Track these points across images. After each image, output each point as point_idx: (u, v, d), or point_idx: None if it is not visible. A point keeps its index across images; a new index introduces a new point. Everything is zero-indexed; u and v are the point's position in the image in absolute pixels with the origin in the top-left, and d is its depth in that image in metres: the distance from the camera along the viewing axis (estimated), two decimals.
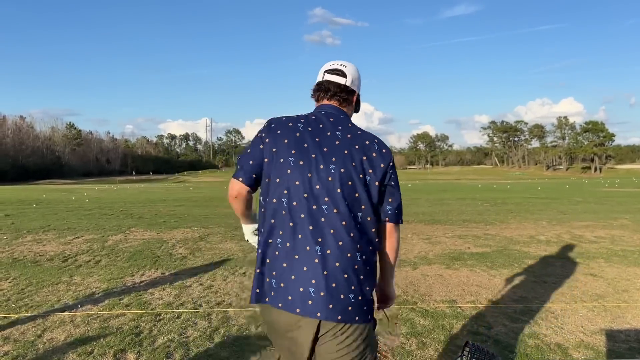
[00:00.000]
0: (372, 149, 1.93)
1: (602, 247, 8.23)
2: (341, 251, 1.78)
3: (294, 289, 1.78)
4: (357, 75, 2.12)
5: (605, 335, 4.14)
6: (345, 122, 2.00)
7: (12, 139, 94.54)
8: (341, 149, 1.88)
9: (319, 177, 1.83)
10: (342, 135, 1.93)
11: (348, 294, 1.78)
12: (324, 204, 1.81)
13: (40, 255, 7.57)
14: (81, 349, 3.75)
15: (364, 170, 1.87)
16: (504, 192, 27.84)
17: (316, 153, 1.87)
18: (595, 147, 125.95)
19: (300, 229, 1.80)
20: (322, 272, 1.76)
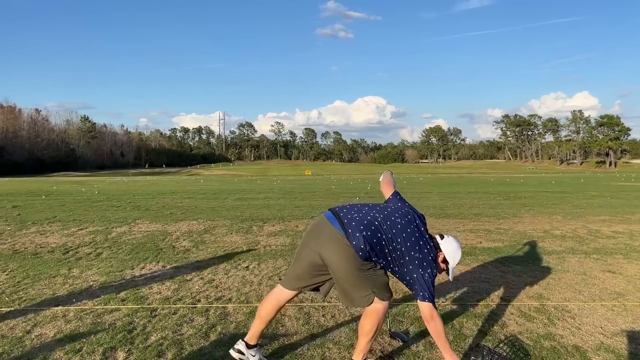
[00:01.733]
0: None
1: (620, 242, 7.91)
2: None
3: None
4: (448, 248, 3.12)
5: (626, 336, 3.87)
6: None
7: (27, 132, 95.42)
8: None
9: None
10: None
11: None
12: None
13: (42, 247, 7.44)
14: (69, 346, 3.56)
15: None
16: (517, 185, 27.37)
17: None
18: (610, 141, 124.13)
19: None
20: None
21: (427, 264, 2.98)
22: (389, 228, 3.00)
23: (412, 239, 3.00)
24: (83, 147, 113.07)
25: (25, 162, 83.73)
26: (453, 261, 3.11)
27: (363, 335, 3.05)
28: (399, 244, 2.97)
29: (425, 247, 3.03)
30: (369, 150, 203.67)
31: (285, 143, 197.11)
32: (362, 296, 2.99)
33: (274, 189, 23.98)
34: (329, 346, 3.63)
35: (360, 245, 2.89)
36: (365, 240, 2.90)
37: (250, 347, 3.20)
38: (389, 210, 3.15)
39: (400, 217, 3.09)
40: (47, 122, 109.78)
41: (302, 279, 3.16)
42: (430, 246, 3.06)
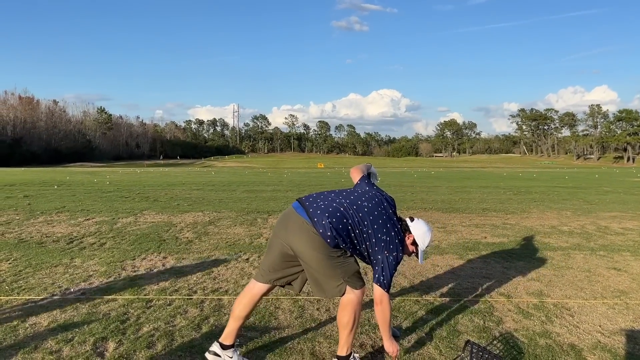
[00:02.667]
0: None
1: (629, 239, 7.76)
2: None
3: None
4: (418, 231, 3.16)
5: (625, 336, 3.79)
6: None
7: (45, 123, 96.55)
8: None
9: None
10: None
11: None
12: None
13: (47, 236, 7.50)
14: (61, 335, 3.58)
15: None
16: (529, 180, 27.06)
17: None
18: (628, 136, 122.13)
19: None
20: None
21: (394, 246, 2.99)
22: (355, 212, 2.98)
23: (379, 221, 3.00)
24: (99, 138, 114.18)
25: (42, 153, 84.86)
26: (423, 244, 3.14)
27: (342, 328, 3.02)
28: (365, 226, 2.96)
29: (393, 229, 3.04)
30: (383, 144, 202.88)
31: (299, 136, 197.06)
32: (334, 286, 2.96)
33: (283, 182, 24.00)
34: (319, 340, 3.60)
35: (327, 233, 2.87)
36: (332, 227, 2.88)
37: (226, 347, 3.13)
38: (356, 195, 3.14)
39: (367, 201, 3.08)
40: (65, 113, 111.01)
41: (275, 271, 3.12)
42: (398, 229, 3.08)
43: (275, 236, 3.11)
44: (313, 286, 3.05)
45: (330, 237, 2.88)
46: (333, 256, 2.91)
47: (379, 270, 2.97)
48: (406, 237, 3.14)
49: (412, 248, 3.17)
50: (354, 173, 3.60)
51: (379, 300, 2.99)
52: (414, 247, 3.17)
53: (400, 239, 3.07)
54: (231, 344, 3.15)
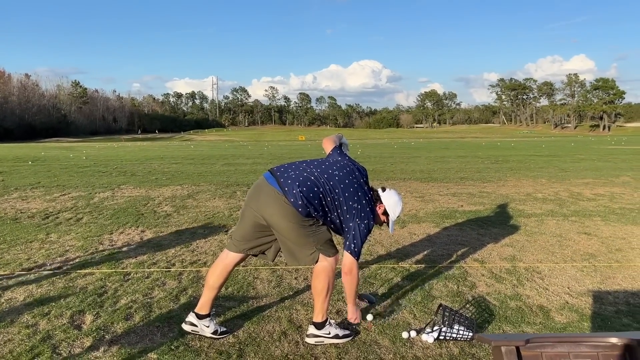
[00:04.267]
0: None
1: (601, 204, 7.96)
2: None
3: None
4: (387, 200, 3.20)
5: (592, 296, 3.93)
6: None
7: (17, 97, 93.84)
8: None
9: None
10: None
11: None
12: None
13: (22, 212, 7.41)
14: (38, 309, 3.58)
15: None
16: (507, 149, 27.41)
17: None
18: (604, 104, 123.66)
19: None
20: None
21: (365, 214, 3.03)
22: (326, 181, 3.00)
23: (350, 189, 3.02)
24: (75, 112, 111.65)
25: (16, 128, 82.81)
26: (393, 214, 3.20)
27: (317, 295, 3.08)
28: (336, 194, 2.99)
29: (364, 198, 3.07)
30: (364, 115, 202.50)
31: (279, 108, 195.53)
32: (307, 254, 3.01)
33: (264, 154, 23.95)
34: (297, 308, 3.67)
35: (298, 202, 2.89)
36: (303, 196, 2.90)
37: (202, 317, 3.16)
38: (327, 164, 3.15)
39: (338, 170, 3.09)
40: (38, 87, 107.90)
41: (247, 241, 3.14)
42: (369, 197, 3.11)
43: (247, 206, 3.12)
44: (286, 255, 3.09)
45: (302, 206, 2.90)
46: (305, 225, 2.94)
47: (350, 238, 3.01)
48: (377, 206, 3.18)
49: (383, 218, 3.22)
50: (326, 144, 3.60)
51: (348, 270, 3.04)
52: (385, 216, 3.22)
53: (371, 207, 3.10)
54: (207, 314, 3.18)
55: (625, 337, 1.45)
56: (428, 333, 3.16)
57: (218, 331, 3.17)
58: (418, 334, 3.20)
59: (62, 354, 2.92)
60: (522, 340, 1.42)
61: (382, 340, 3.13)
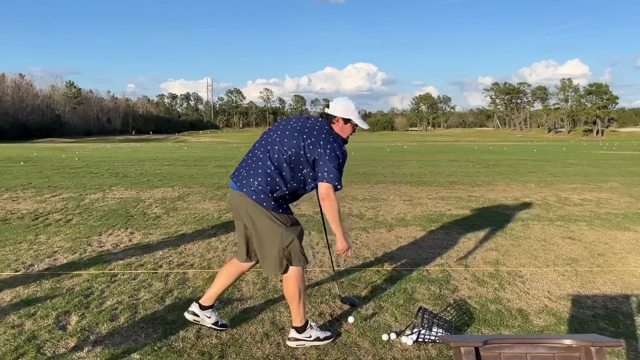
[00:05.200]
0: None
1: (587, 209, 8.06)
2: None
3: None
4: (344, 107, 3.15)
5: (571, 300, 4.00)
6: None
7: (11, 97, 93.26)
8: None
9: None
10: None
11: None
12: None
13: (12, 213, 7.43)
14: (24, 310, 3.62)
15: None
16: (499, 154, 27.57)
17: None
18: (598, 109, 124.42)
19: None
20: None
21: (324, 141, 2.98)
22: (270, 151, 3.03)
23: (294, 134, 3.03)
24: (69, 113, 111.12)
25: (9, 128, 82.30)
26: (351, 112, 3.14)
27: (290, 301, 3.15)
28: (285, 152, 2.99)
29: (312, 130, 3.04)
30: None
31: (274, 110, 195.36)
32: (275, 256, 3.04)
33: None
34: (280, 310, 3.72)
35: (260, 196, 2.97)
36: (261, 188, 2.97)
37: (205, 308, 3.27)
38: (264, 139, 3.15)
39: (274, 132, 3.12)
40: (32, 87, 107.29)
41: (246, 247, 3.24)
42: (318, 126, 3.09)
43: (234, 217, 3.25)
44: (261, 260, 3.15)
45: (265, 200, 2.97)
46: (275, 221, 3.01)
47: (320, 171, 2.96)
48: (334, 124, 3.15)
49: (347, 128, 3.17)
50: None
51: (324, 195, 2.97)
52: (348, 123, 3.16)
53: (327, 130, 3.08)
54: (210, 305, 3.29)
55: (580, 339, 1.51)
56: (407, 335, 3.23)
57: (219, 322, 3.29)
58: (398, 336, 3.27)
59: (47, 354, 2.96)
60: (480, 342, 1.48)
61: (362, 342, 3.19)
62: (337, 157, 2.98)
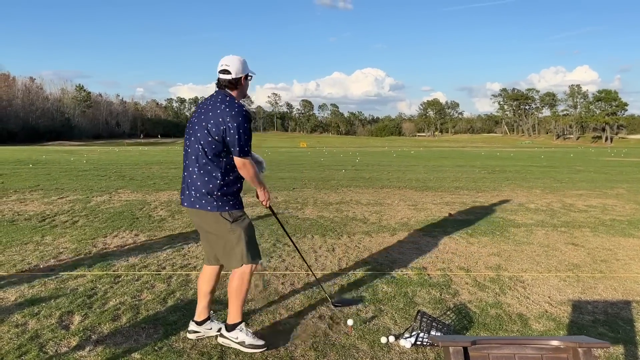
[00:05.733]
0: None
1: (591, 216, 8.04)
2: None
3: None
4: (240, 65, 3.08)
5: (571, 306, 4.00)
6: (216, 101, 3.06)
7: (22, 100, 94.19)
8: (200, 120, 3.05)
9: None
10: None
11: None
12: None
13: (20, 214, 7.52)
14: (28, 309, 3.67)
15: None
16: (506, 159, 27.50)
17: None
18: (607, 116, 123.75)
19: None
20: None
21: (227, 115, 2.94)
22: (192, 152, 3.05)
23: (202, 124, 3.00)
24: (78, 116, 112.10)
25: (20, 131, 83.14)
26: (245, 64, 3.11)
27: (230, 295, 3.16)
28: (201, 141, 2.99)
29: (211, 107, 3.02)
30: (366, 123, 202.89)
31: (282, 115, 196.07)
32: (237, 254, 3.07)
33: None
34: (280, 312, 3.75)
35: (202, 202, 3.01)
36: (198, 195, 3.02)
37: (201, 323, 3.30)
38: (186, 143, 3.18)
39: (191, 130, 3.11)
40: (42, 90, 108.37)
41: (210, 252, 3.30)
42: (214, 102, 3.05)
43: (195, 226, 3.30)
44: (220, 258, 3.20)
45: (206, 203, 3.01)
46: (227, 223, 3.03)
47: (231, 146, 2.96)
48: (240, 86, 3.11)
49: (247, 84, 3.17)
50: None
51: (241, 165, 3.00)
52: (247, 79, 3.14)
53: (222, 101, 3.02)
54: (205, 319, 3.32)
55: (568, 341, 1.53)
56: (406, 338, 3.24)
57: (222, 329, 3.30)
58: (397, 339, 3.28)
59: (49, 353, 3.01)
60: (469, 342, 1.51)
61: (361, 345, 3.21)
62: (239, 126, 2.93)
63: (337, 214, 7.93)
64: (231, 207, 3.08)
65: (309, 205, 8.89)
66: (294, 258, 5.27)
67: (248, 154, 3.02)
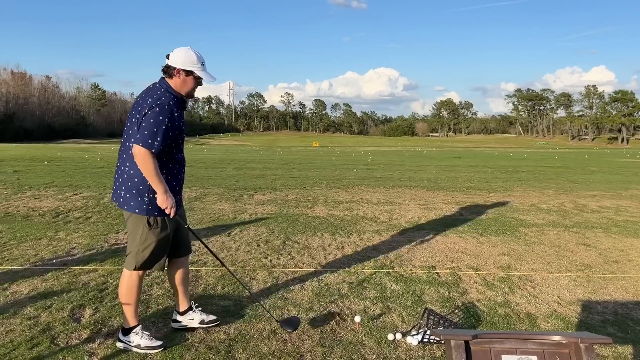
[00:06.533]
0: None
1: (604, 217, 7.96)
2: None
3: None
4: (180, 56, 2.93)
5: (581, 306, 3.98)
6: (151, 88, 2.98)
7: (38, 99, 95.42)
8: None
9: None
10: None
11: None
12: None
13: (34, 210, 7.63)
14: (41, 302, 3.73)
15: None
16: (519, 160, 27.29)
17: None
18: (623, 117, 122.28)
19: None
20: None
21: (145, 105, 2.81)
22: (123, 149, 3.00)
23: (131, 118, 2.91)
24: (93, 114, 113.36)
25: (36, 129, 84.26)
26: (192, 64, 2.92)
27: (120, 299, 3.11)
28: (128, 136, 2.94)
29: (141, 98, 2.92)
30: (379, 123, 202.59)
31: (294, 114, 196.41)
32: (132, 256, 3.03)
33: (275, 160, 24.11)
34: (288, 308, 3.78)
35: (130, 202, 2.94)
36: (127, 194, 2.94)
37: (183, 313, 3.36)
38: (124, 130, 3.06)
39: (128, 122, 3.00)
40: (58, 89, 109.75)
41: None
42: (145, 92, 2.94)
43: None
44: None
45: (134, 205, 2.93)
46: (139, 224, 2.97)
47: (139, 132, 2.78)
48: (175, 77, 2.94)
49: (188, 81, 2.96)
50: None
51: (135, 153, 2.78)
52: (190, 76, 2.95)
53: (152, 92, 2.91)
54: (187, 309, 3.38)
55: (570, 336, 1.53)
56: (413, 335, 3.25)
57: (205, 320, 3.35)
58: (404, 336, 3.29)
59: (60, 345, 3.06)
60: (470, 336, 1.51)
61: (368, 341, 3.23)
62: (154, 118, 2.75)
63: (347, 213, 7.94)
64: (161, 212, 2.94)
65: (320, 203, 8.91)
66: (303, 255, 5.30)
67: (150, 147, 2.74)
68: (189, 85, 2.97)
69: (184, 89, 2.97)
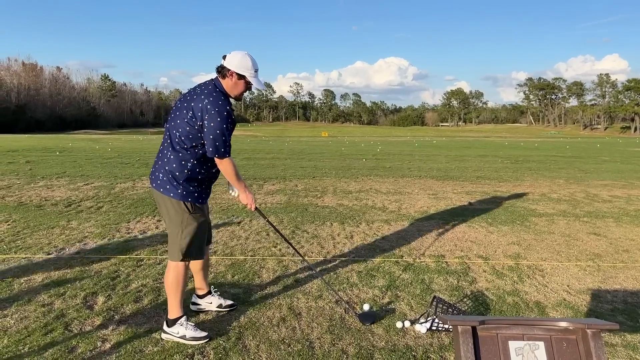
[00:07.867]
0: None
1: (615, 206, 7.91)
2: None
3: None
4: (237, 60, 2.99)
5: (590, 295, 3.97)
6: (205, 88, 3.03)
7: (49, 90, 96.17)
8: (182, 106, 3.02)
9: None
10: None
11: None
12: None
13: (47, 200, 7.72)
14: (54, 290, 3.80)
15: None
16: (529, 149, 27.06)
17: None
18: (636, 106, 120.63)
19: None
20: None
21: (207, 113, 2.88)
22: (169, 136, 3.03)
23: (183, 111, 2.97)
24: (103, 105, 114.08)
25: (47, 120, 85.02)
26: (247, 70, 3.01)
27: (167, 289, 3.14)
28: (179, 129, 2.96)
29: (197, 95, 2.97)
30: (389, 113, 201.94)
31: (304, 104, 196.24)
32: (175, 245, 3.08)
33: (284, 150, 24.12)
34: (298, 296, 3.81)
35: (166, 186, 3.00)
36: (167, 179, 2.99)
37: (202, 296, 3.48)
38: (166, 125, 3.11)
39: (173, 112, 3.08)
40: (68, 80, 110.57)
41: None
42: (202, 91, 2.99)
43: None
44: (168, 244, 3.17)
45: (170, 189, 2.98)
46: (177, 211, 3.02)
47: (206, 140, 2.92)
48: (227, 78, 3.01)
49: (240, 84, 3.05)
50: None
51: (219, 163, 3.01)
52: (242, 80, 3.04)
53: (209, 93, 2.96)
54: (206, 292, 3.48)
55: (577, 322, 1.54)
56: (421, 323, 3.27)
57: (223, 304, 3.45)
58: (412, 324, 3.31)
59: (74, 331, 3.12)
60: (477, 321, 1.53)
61: (377, 329, 3.25)
62: (218, 127, 2.88)
63: (356, 202, 7.95)
64: (195, 198, 3.06)
65: (329, 193, 8.93)
66: (312, 244, 5.33)
67: (225, 155, 2.96)
68: (239, 89, 3.07)
69: (234, 91, 3.06)
